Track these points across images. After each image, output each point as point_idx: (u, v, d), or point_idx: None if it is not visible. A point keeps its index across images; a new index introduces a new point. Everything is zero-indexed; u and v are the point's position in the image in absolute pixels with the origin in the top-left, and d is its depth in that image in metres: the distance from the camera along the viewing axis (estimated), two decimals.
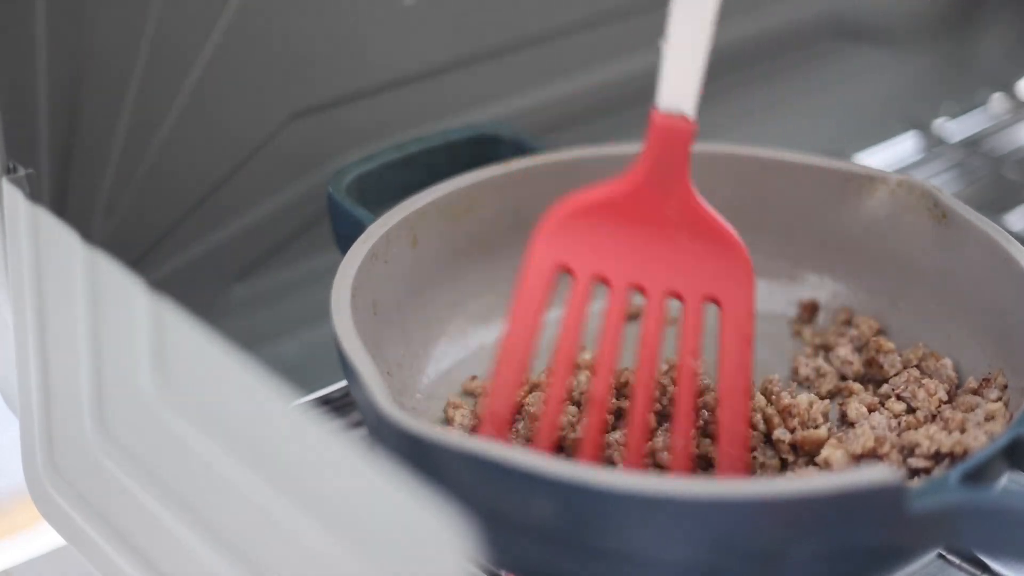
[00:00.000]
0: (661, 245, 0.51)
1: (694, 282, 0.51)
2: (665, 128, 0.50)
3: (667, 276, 0.51)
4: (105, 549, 0.52)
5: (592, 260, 0.51)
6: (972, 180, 0.83)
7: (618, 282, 0.51)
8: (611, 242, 0.51)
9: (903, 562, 0.48)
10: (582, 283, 0.51)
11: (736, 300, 0.51)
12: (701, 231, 0.51)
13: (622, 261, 0.51)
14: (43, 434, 0.53)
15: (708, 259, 0.51)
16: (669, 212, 0.51)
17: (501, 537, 0.46)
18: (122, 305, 0.46)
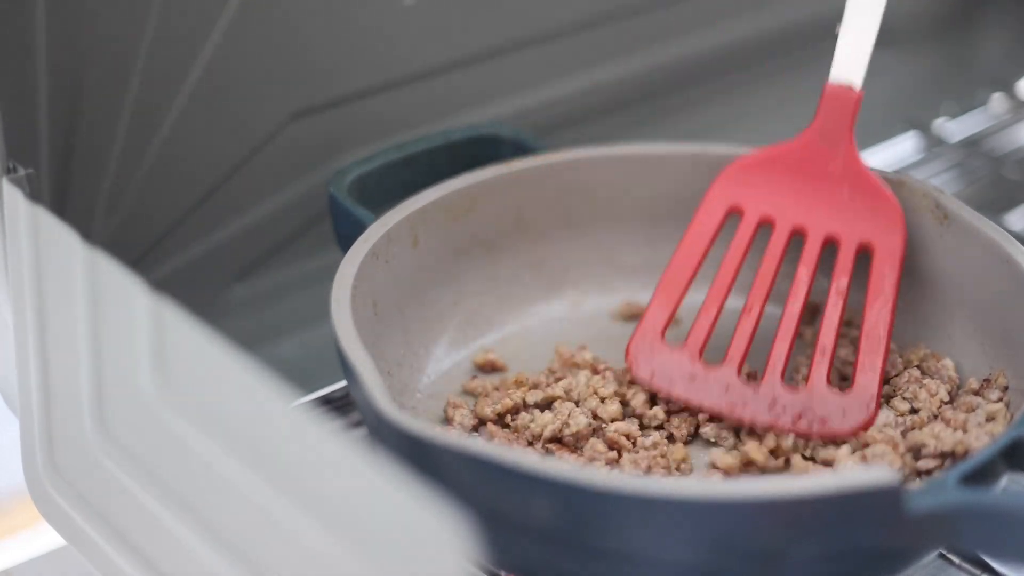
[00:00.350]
0: (823, 195, 0.58)
1: (850, 228, 0.58)
2: (835, 96, 0.58)
3: (826, 221, 0.58)
4: (105, 549, 0.52)
5: (760, 204, 0.59)
6: (972, 180, 0.83)
7: (782, 223, 0.58)
8: (779, 190, 0.58)
9: (903, 562, 0.48)
10: (750, 220, 0.58)
11: (887, 251, 0.57)
12: (861, 187, 0.58)
13: (787, 206, 0.58)
14: (43, 434, 0.53)
15: (865, 211, 0.58)
16: (833, 168, 0.58)
17: (501, 537, 0.46)
18: (122, 305, 0.46)
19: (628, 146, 0.64)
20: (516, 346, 0.61)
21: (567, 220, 0.63)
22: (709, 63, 0.81)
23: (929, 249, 0.59)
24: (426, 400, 0.58)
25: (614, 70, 0.77)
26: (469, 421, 0.56)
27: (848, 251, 0.58)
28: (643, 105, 0.79)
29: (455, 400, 0.57)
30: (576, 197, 0.63)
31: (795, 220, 0.58)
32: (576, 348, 0.60)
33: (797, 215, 0.58)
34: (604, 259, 0.64)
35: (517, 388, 0.57)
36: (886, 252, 0.57)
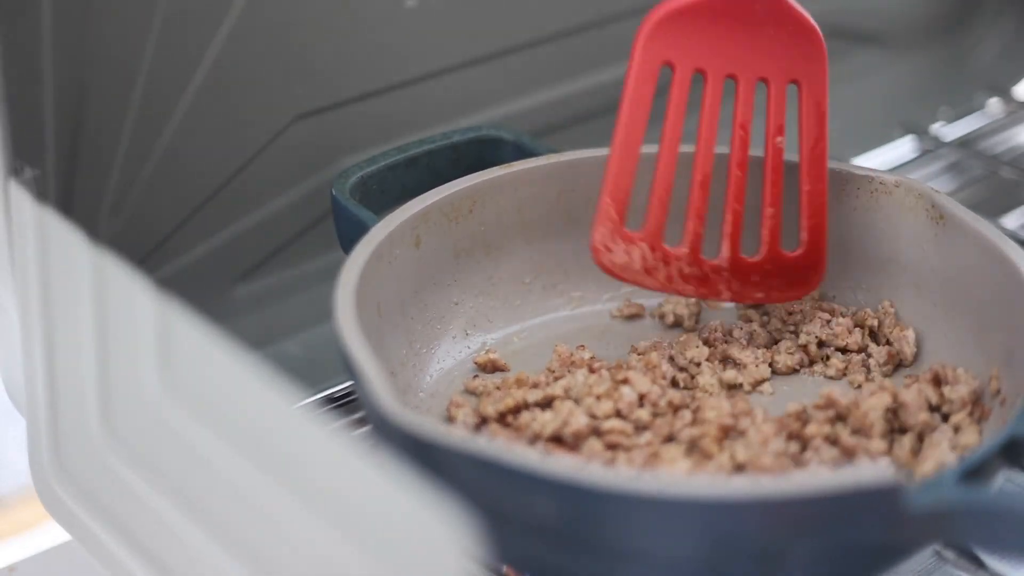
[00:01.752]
0: (749, 37, 0.59)
1: (778, 66, 0.59)
2: None
3: (755, 63, 0.59)
4: (110, 546, 0.52)
5: (689, 53, 0.58)
6: (969, 181, 0.83)
7: (714, 71, 0.58)
8: (705, 38, 0.58)
9: (899, 558, 0.48)
10: (683, 75, 0.58)
11: (814, 79, 0.59)
12: (783, 22, 0.59)
13: (716, 53, 0.58)
14: (50, 432, 0.53)
15: (790, 46, 0.59)
16: (757, 9, 0.59)
17: (503, 535, 0.46)
18: (128, 304, 0.47)
19: None
20: (517, 346, 0.62)
21: (567, 221, 0.63)
22: None
23: (925, 249, 0.59)
24: (428, 399, 0.58)
25: (614, 72, 0.77)
26: (471, 420, 0.56)
27: (779, 92, 0.59)
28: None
29: (457, 399, 0.57)
30: (576, 198, 0.63)
31: (725, 67, 0.59)
32: (575, 348, 0.60)
33: (726, 62, 0.59)
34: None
35: (518, 387, 0.57)
36: (812, 86, 0.59)
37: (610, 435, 0.54)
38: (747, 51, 0.59)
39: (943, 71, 0.92)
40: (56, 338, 0.51)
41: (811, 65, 0.59)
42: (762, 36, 0.59)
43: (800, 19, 0.59)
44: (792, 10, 0.59)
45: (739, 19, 0.58)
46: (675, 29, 0.58)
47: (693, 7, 0.58)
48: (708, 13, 0.58)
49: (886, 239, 0.61)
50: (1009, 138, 0.87)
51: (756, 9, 0.58)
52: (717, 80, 0.59)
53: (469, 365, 0.60)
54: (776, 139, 0.59)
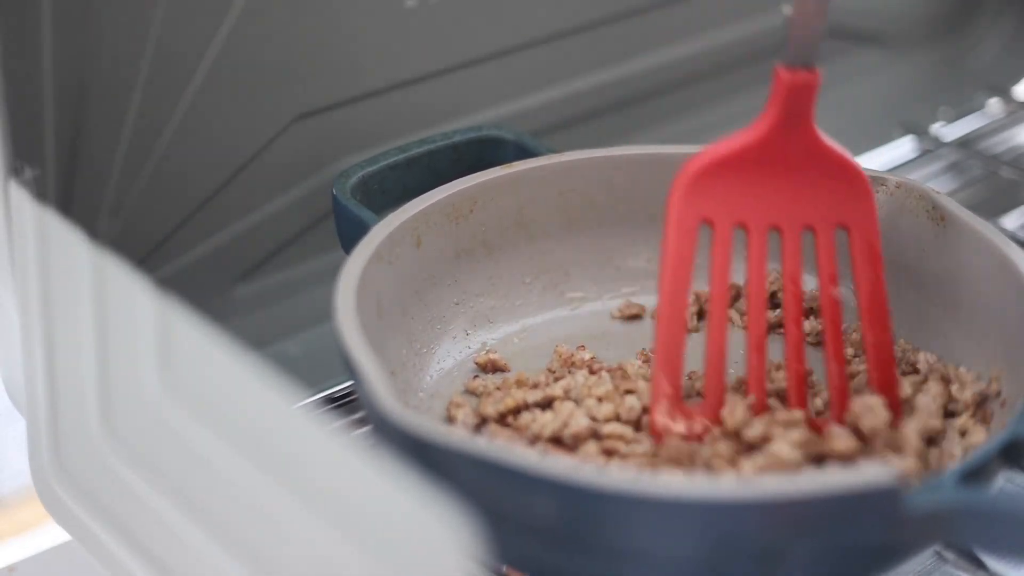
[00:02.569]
0: (790, 185, 0.55)
1: (823, 212, 0.56)
2: (793, 82, 0.54)
3: (799, 211, 0.56)
4: (110, 546, 0.52)
5: (729, 209, 0.55)
6: (969, 182, 0.83)
7: (756, 225, 0.55)
8: (744, 190, 0.55)
9: (900, 559, 0.48)
10: (723, 231, 0.55)
11: (863, 222, 0.56)
12: (824, 165, 0.55)
13: (756, 205, 0.55)
14: (49, 432, 0.53)
15: (833, 189, 0.56)
16: (795, 154, 0.55)
17: (503, 535, 0.46)
18: (128, 304, 0.47)
19: (629, 148, 0.64)
20: (517, 346, 0.62)
21: (568, 221, 0.64)
22: (709, 65, 0.81)
23: (926, 250, 0.59)
24: (429, 399, 0.58)
25: (615, 72, 0.77)
26: (471, 420, 0.56)
27: (827, 239, 0.56)
28: (643, 107, 0.79)
29: (457, 399, 0.57)
30: (577, 198, 0.63)
31: (766, 218, 0.55)
32: (575, 348, 0.60)
33: (767, 213, 0.55)
34: (604, 259, 0.64)
35: (519, 388, 0.58)
36: (862, 230, 0.56)
37: (609, 439, 0.54)
38: (789, 199, 0.55)
39: (943, 71, 0.92)
40: (56, 338, 0.51)
41: (858, 206, 0.56)
42: (804, 182, 0.55)
43: (841, 160, 0.56)
44: (832, 152, 0.55)
45: (777, 166, 0.55)
46: (711, 184, 0.54)
47: (727, 159, 0.54)
48: (744, 164, 0.55)
49: (886, 240, 0.60)
50: (1009, 138, 0.87)
51: (794, 155, 0.55)
52: (760, 233, 0.55)
53: (469, 365, 0.60)
54: (831, 289, 0.56)
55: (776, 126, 0.54)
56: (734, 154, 0.55)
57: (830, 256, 0.56)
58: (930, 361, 0.58)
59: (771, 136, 0.55)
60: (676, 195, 0.54)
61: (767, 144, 0.55)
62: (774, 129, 0.55)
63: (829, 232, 0.56)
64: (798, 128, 0.55)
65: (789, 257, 0.56)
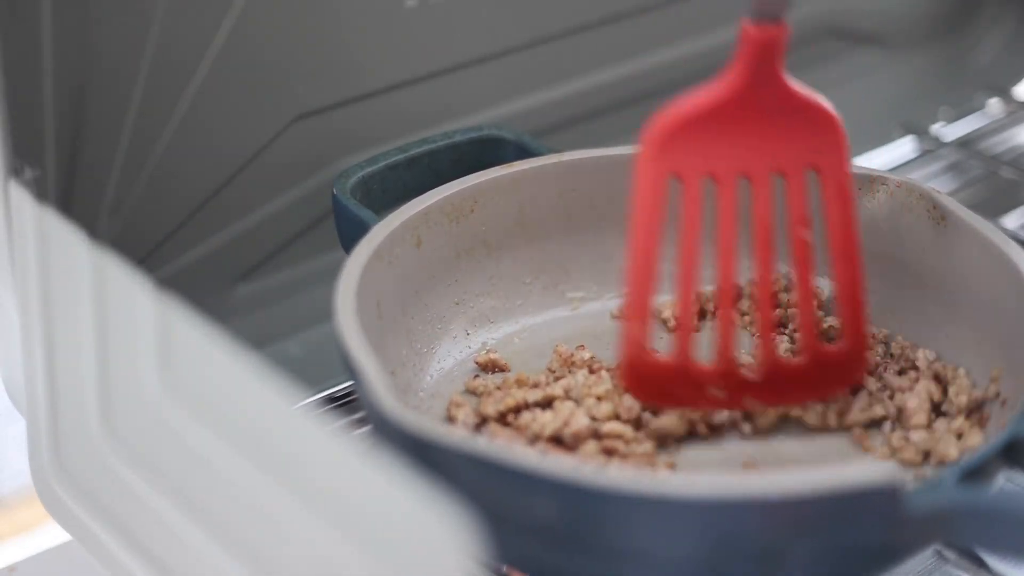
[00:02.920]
0: (758, 133, 0.55)
1: (793, 156, 0.55)
2: (760, 38, 0.53)
3: (768, 157, 0.55)
4: (110, 546, 0.52)
5: (698, 162, 0.54)
6: (969, 181, 0.83)
7: (726, 174, 0.54)
8: (712, 142, 0.54)
9: (900, 559, 0.48)
10: (692, 184, 0.54)
11: (834, 164, 0.55)
12: (792, 110, 0.55)
13: (725, 155, 0.54)
14: (49, 432, 0.53)
15: (803, 132, 0.55)
16: (764, 105, 0.54)
17: (504, 535, 0.46)
18: (128, 304, 0.47)
19: (628, 147, 0.64)
20: (518, 345, 0.62)
21: (568, 221, 0.64)
22: (709, 64, 0.81)
23: (926, 249, 0.59)
24: (429, 399, 0.58)
25: (615, 72, 0.77)
26: (472, 420, 0.56)
27: (797, 181, 0.55)
28: (643, 107, 0.78)
29: (458, 399, 0.57)
30: (577, 198, 0.63)
31: (736, 167, 0.55)
32: (575, 348, 0.60)
33: (736, 161, 0.54)
34: (604, 259, 0.64)
35: (519, 387, 0.58)
36: (833, 172, 0.55)
37: (609, 439, 0.54)
38: (757, 146, 0.55)
39: (943, 71, 0.92)
40: (56, 338, 0.51)
41: (829, 149, 0.55)
42: (772, 129, 0.55)
43: (809, 103, 0.55)
44: (800, 97, 0.55)
45: (746, 118, 0.54)
46: (679, 140, 0.54)
47: (696, 116, 0.54)
48: (712, 119, 0.54)
49: (886, 239, 0.60)
50: (1009, 138, 0.87)
51: (763, 106, 0.54)
52: (729, 182, 0.54)
53: (470, 365, 0.60)
54: (800, 230, 0.55)
55: (744, 82, 0.54)
56: (702, 108, 0.54)
57: (800, 197, 0.55)
58: (929, 359, 0.58)
59: (739, 92, 0.54)
60: (645, 149, 0.54)
61: (735, 99, 0.54)
62: (742, 85, 0.54)
63: (799, 174, 0.55)
64: (766, 79, 0.54)
65: (759, 202, 0.55)
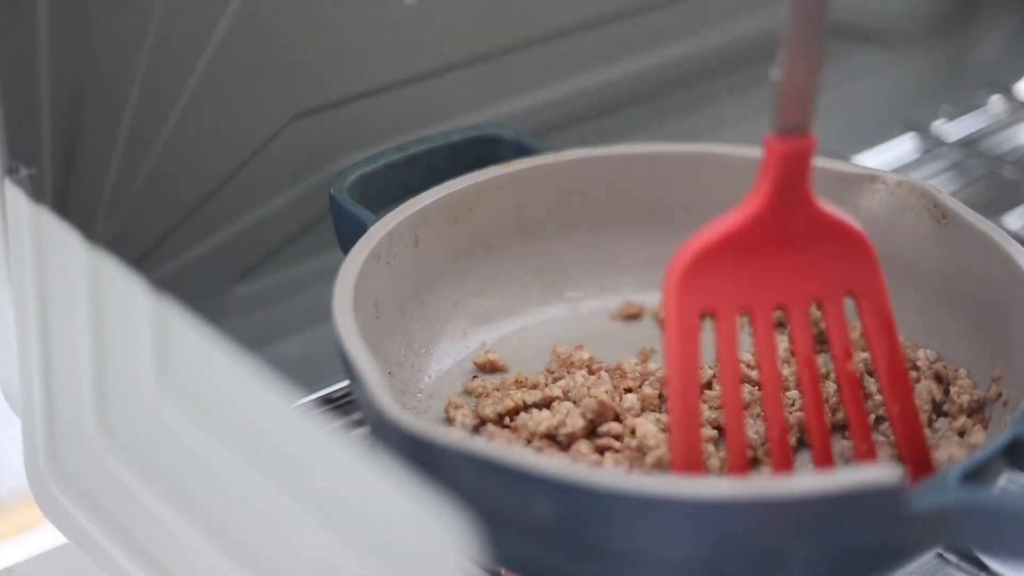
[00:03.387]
0: (791, 259, 0.51)
1: (829, 283, 0.52)
2: (787, 152, 0.50)
3: (803, 285, 0.52)
4: (107, 547, 0.52)
5: (730, 295, 0.50)
6: (970, 180, 0.83)
7: (761, 307, 0.51)
8: (743, 272, 0.51)
9: (902, 561, 0.48)
10: (727, 320, 0.50)
11: (871, 288, 0.52)
12: (824, 232, 0.52)
13: (758, 286, 0.51)
14: (46, 433, 0.53)
15: (836, 257, 0.52)
16: (794, 226, 0.51)
17: (502, 537, 0.46)
18: (124, 305, 0.47)
19: (628, 146, 0.64)
20: (516, 346, 0.62)
21: (567, 220, 0.63)
22: (709, 64, 0.81)
23: (927, 249, 0.59)
24: (427, 400, 0.58)
25: (614, 71, 0.77)
26: (470, 421, 0.56)
27: (836, 310, 0.52)
28: (643, 106, 0.79)
29: (456, 400, 0.57)
30: (576, 197, 0.63)
31: (770, 299, 0.51)
32: (573, 348, 0.60)
33: (770, 292, 0.51)
34: (604, 259, 0.64)
35: (518, 388, 0.57)
36: (871, 297, 0.52)
37: (606, 437, 0.54)
38: (792, 274, 0.51)
39: (945, 69, 0.92)
40: (52, 339, 0.51)
41: (864, 271, 0.52)
42: (805, 254, 0.51)
43: (842, 225, 0.52)
44: (831, 219, 0.51)
45: (776, 242, 0.51)
46: (708, 271, 0.50)
47: (723, 243, 0.50)
48: (741, 245, 0.50)
49: (888, 238, 0.60)
50: (1011, 137, 0.87)
51: (793, 227, 0.51)
52: (766, 314, 0.51)
53: (468, 365, 0.60)
54: (846, 364, 0.52)
55: (772, 201, 0.50)
56: (729, 236, 0.50)
57: (841, 328, 0.52)
58: (930, 359, 0.58)
59: (767, 212, 0.50)
60: (672, 288, 0.50)
61: (763, 221, 0.50)
62: (770, 204, 0.50)
63: (838, 303, 0.52)
64: (795, 199, 0.50)
65: (799, 335, 0.52)
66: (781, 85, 0.48)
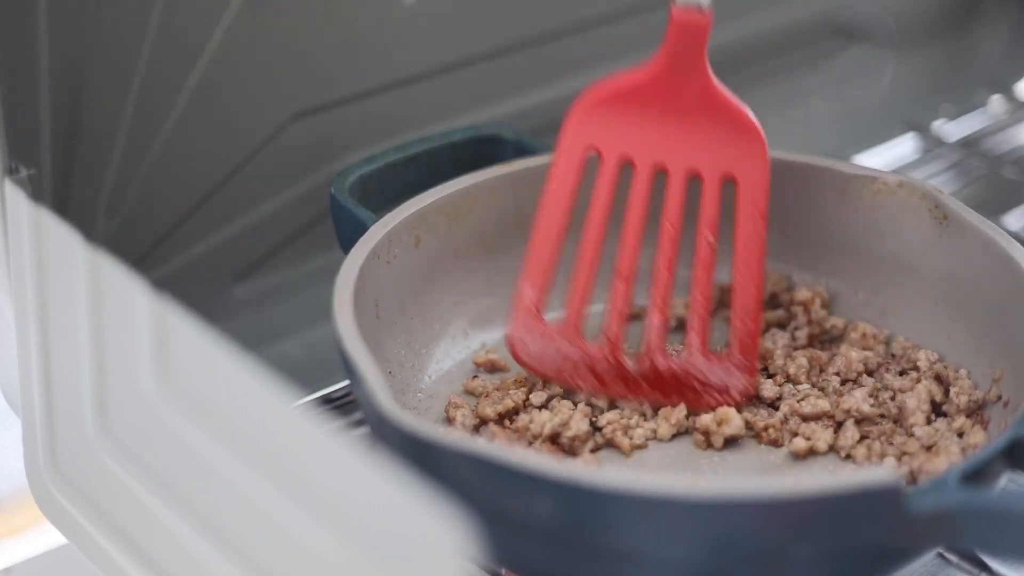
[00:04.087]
0: (681, 128, 0.56)
1: (713, 160, 0.56)
2: (684, 22, 0.56)
3: (688, 156, 0.56)
4: (106, 548, 0.52)
5: (619, 142, 0.56)
6: (970, 180, 0.83)
7: (642, 162, 0.56)
8: (635, 126, 0.56)
9: (902, 561, 0.48)
10: (610, 163, 0.56)
11: (752, 177, 0.56)
12: (718, 113, 0.56)
13: (646, 143, 0.56)
14: (45, 434, 0.53)
15: (726, 139, 0.56)
16: (689, 97, 0.56)
17: (502, 537, 0.46)
18: (124, 305, 0.47)
19: None
20: None
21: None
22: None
23: (928, 249, 0.59)
24: (427, 400, 0.58)
25: (614, 71, 0.77)
26: (470, 421, 0.56)
27: (712, 187, 0.56)
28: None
29: (456, 400, 0.57)
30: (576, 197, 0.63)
31: (655, 157, 0.56)
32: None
33: (656, 151, 0.56)
34: (604, 259, 0.64)
35: (518, 388, 0.57)
36: (749, 184, 0.56)
37: (609, 427, 0.54)
38: (678, 141, 0.56)
39: (945, 68, 0.92)
40: (52, 339, 0.51)
41: (749, 161, 0.56)
42: (695, 127, 0.56)
43: (735, 111, 0.56)
44: (727, 102, 0.56)
45: (669, 108, 0.56)
46: (605, 115, 0.56)
47: (620, 93, 0.57)
48: (636, 99, 0.56)
49: (889, 239, 0.60)
50: (1011, 137, 0.87)
51: (687, 98, 0.56)
52: (645, 170, 0.56)
53: (468, 365, 0.60)
54: (706, 234, 0.56)
55: (667, 65, 0.56)
56: (626, 89, 0.56)
57: (713, 204, 0.56)
58: (931, 359, 0.58)
59: (663, 75, 0.56)
60: (568, 121, 0.56)
61: (658, 83, 0.56)
62: (666, 68, 0.56)
63: (715, 181, 0.56)
64: (691, 71, 0.56)
65: (670, 199, 0.56)
66: None
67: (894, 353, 0.59)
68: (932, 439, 0.54)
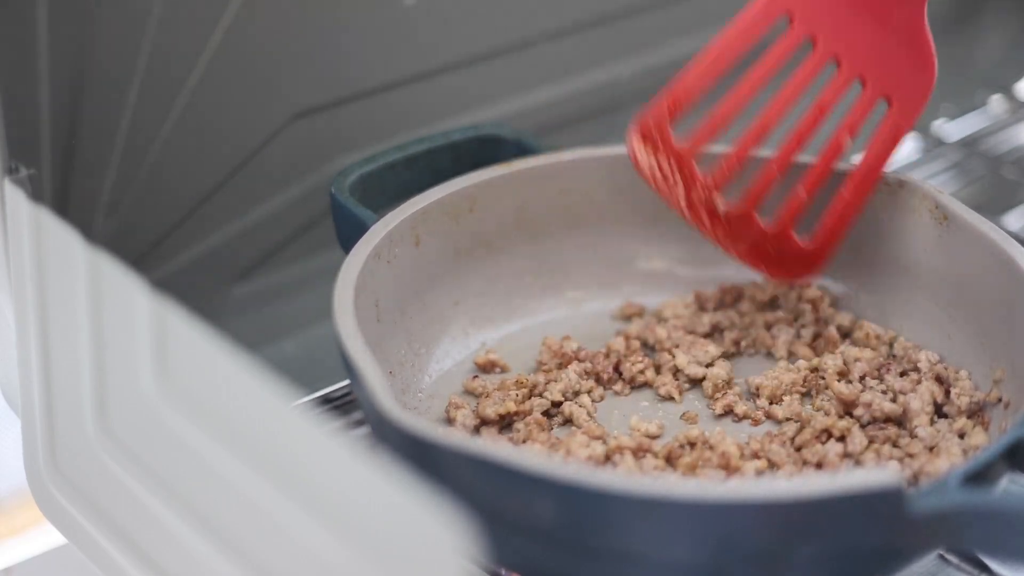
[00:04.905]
0: (875, 36, 0.58)
1: (882, 76, 0.59)
2: None
3: (864, 61, 0.58)
4: (106, 547, 0.52)
5: (813, 20, 0.58)
6: (970, 180, 0.83)
7: (824, 47, 0.58)
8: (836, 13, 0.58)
9: (904, 562, 0.48)
10: (796, 32, 0.58)
11: (906, 110, 0.59)
12: (911, 42, 0.59)
13: (836, 32, 0.58)
14: (45, 433, 0.53)
15: (905, 66, 0.59)
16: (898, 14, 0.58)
17: (502, 537, 0.46)
18: (123, 305, 0.47)
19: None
20: (517, 346, 0.61)
21: (568, 220, 0.63)
22: None
23: (929, 250, 0.59)
24: (428, 400, 0.58)
25: (615, 71, 0.77)
26: (471, 421, 0.56)
27: (870, 97, 0.59)
28: (643, 106, 0.79)
29: (457, 400, 0.57)
30: (577, 197, 0.63)
31: (836, 48, 0.58)
32: (561, 339, 0.60)
33: (840, 43, 0.58)
34: (604, 259, 0.64)
35: (518, 389, 0.57)
36: (902, 110, 0.59)
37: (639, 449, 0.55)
38: (865, 47, 0.58)
39: (946, 68, 0.92)
40: (51, 339, 0.51)
41: (912, 95, 0.59)
42: (885, 43, 0.58)
43: (925, 46, 0.59)
44: (925, 38, 0.59)
45: (877, 14, 0.58)
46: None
47: None
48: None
49: (889, 239, 0.60)
50: (1011, 137, 0.87)
51: (897, 16, 0.58)
52: (822, 54, 0.58)
53: (469, 365, 0.60)
54: (843, 135, 0.59)
55: None
56: None
57: (863, 113, 0.58)
58: (932, 360, 0.58)
59: None
60: None
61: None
62: None
63: (875, 94, 0.58)
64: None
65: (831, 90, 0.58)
66: None
67: (895, 354, 0.59)
68: (934, 440, 0.54)
